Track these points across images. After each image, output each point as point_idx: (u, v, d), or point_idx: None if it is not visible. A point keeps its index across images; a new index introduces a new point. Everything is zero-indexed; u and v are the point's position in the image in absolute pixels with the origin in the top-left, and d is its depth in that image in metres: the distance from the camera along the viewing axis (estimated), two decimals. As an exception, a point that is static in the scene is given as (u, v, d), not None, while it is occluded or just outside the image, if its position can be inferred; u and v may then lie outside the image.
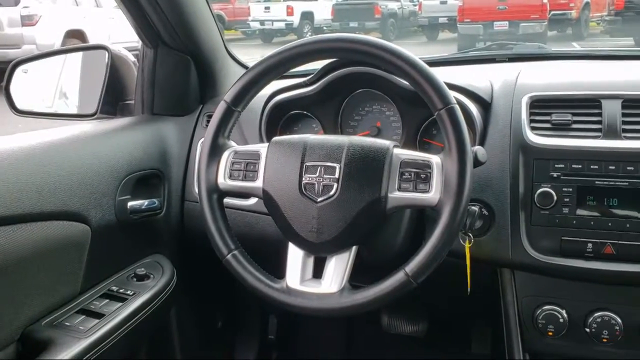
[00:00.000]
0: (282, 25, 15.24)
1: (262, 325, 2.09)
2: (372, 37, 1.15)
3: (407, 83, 1.13)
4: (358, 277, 1.15)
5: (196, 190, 1.47)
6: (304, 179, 1.12)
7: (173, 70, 1.64)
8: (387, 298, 1.08)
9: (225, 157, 1.19)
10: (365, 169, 1.10)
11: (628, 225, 1.20)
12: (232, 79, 1.69)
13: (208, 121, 1.46)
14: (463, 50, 1.93)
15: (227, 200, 1.29)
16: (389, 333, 1.97)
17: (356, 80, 1.45)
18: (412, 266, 1.06)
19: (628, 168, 1.20)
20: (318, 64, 1.43)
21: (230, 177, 1.18)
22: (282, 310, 1.15)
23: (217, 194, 1.19)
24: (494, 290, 1.40)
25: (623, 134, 1.23)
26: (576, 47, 11.29)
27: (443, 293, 1.41)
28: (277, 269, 1.18)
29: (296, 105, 1.53)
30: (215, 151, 1.19)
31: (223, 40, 1.73)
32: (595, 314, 1.28)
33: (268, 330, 2.09)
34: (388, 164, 1.10)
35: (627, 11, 10.52)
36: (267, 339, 2.09)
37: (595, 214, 1.22)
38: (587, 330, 1.28)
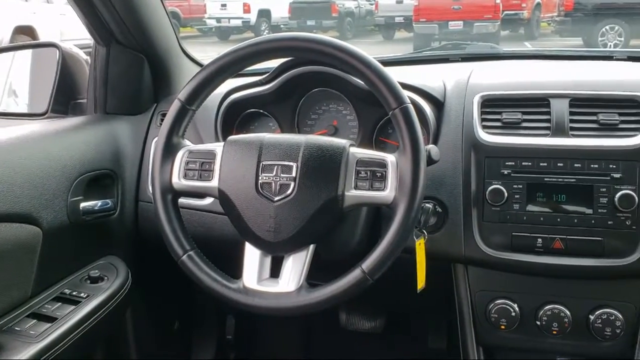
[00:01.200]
0: (238, 22, 15.10)
1: (219, 325, 2.07)
2: (327, 37, 1.15)
3: (363, 82, 1.14)
4: (316, 276, 1.16)
5: (150, 190, 1.45)
6: (260, 178, 1.12)
7: (126, 68, 1.62)
8: (344, 295, 1.09)
9: (180, 157, 1.18)
10: (322, 167, 1.11)
11: (576, 221, 1.24)
12: (186, 77, 1.67)
13: (162, 120, 1.44)
14: (417, 50, 1.97)
15: (182, 201, 1.27)
16: (347, 330, 1.99)
17: (312, 79, 1.46)
18: (368, 263, 1.08)
19: (575, 165, 1.24)
20: (275, 62, 1.43)
21: (185, 176, 1.17)
22: (240, 311, 1.15)
23: (172, 194, 1.18)
24: (449, 286, 1.43)
25: (570, 132, 1.27)
26: (528, 46, 11.58)
27: (400, 289, 1.43)
28: (234, 269, 1.18)
29: (252, 104, 1.53)
30: (169, 150, 1.18)
31: (177, 38, 1.71)
32: (546, 307, 1.32)
33: (226, 330, 2.08)
34: (344, 163, 1.11)
35: (576, 12, 10.83)
36: (225, 340, 2.08)
37: (545, 209, 1.26)
38: (538, 323, 1.32)
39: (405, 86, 1.38)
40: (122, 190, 1.55)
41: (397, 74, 1.26)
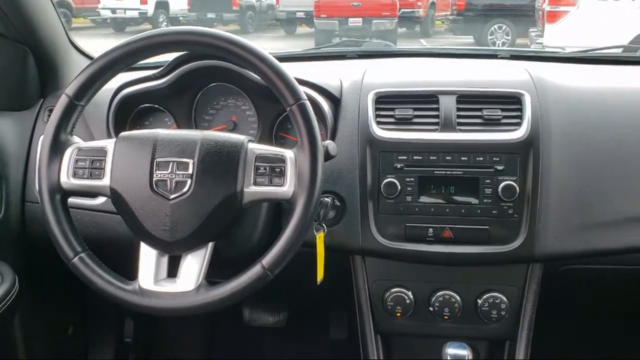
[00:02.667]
0: (135, 14, 14.53)
1: (117, 328, 2.00)
2: (223, 32, 1.14)
3: (260, 78, 1.14)
4: (217, 273, 1.15)
5: (37, 190, 1.38)
6: (155, 175, 1.09)
7: (8, 61, 1.52)
8: (244, 292, 1.09)
9: (68, 155, 1.13)
10: (220, 164, 1.10)
11: (463, 211, 1.31)
12: (75, 71, 1.59)
13: (49, 116, 1.36)
14: (315, 47, 1.99)
15: (73, 200, 1.22)
16: (250, 326, 1.99)
17: (209, 74, 1.43)
18: (268, 259, 1.08)
19: (462, 158, 1.31)
20: (170, 56, 1.40)
21: (75, 175, 1.12)
22: (139, 312, 1.12)
23: (60, 194, 1.13)
24: (348, 277, 1.46)
25: (458, 127, 1.33)
26: (424, 43, 12.05)
27: (302, 282, 1.45)
28: (130, 271, 1.15)
29: (146, 99, 1.48)
30: (57, 148, 1.13)
31: (65, 29, 1.62)
32: (438, 294, 1.38)
33: (124, 333, 2.01)
34: (243, 159, 1.10)
35: (468, 11, 11.40)
36: (124, 342, 2.01)
37: (435, 201, 1.32)
38: (431, 309, 1.39)
39: (303, 82, 1.39)
40: (7, 191, 1.46)
41: (295, 70, 1.27)
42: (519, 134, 1.30)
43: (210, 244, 1.13)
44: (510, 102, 1.35)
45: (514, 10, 10.64)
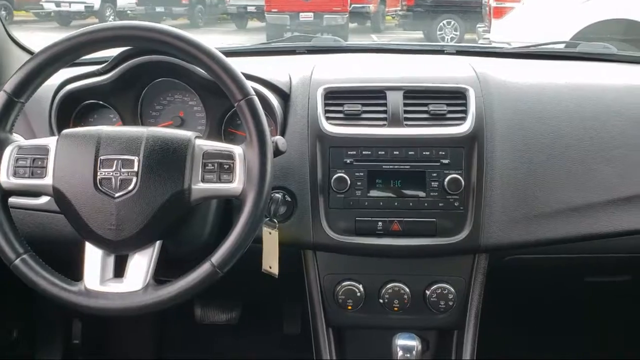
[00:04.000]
0: (81, 7, 14.10)
1: (65, 330, 1.95)
2: (168, 26, 1.13)
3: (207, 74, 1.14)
4: (166, 272, 1.14)
5: None
6: (99, 173, 1.07)
7: None
8: (193, 291, 1.08)
9: (8, 153, 1.09)
10: (166, 161, 1.09)
11: (411, 204, 1.33)
12: (14, 66, 1.54)
13: None
14: (264, 42, 1.98)
15: (14, 200, 1.18)
16: (203, 324, 1.97)
17: (155, 69, 1.41)
18: (217, 256, 1.08)
19: (410, 152, 1.33)
20: (114, 51, 1.36)
21: (15, 174, 1.09)
22: (86, 314, 1.10)
23: (0, 193, 1.09)
24: (300, 272, 1.47)
25: (405, 122, 1.35)
26: (375, 39, 12.14)
27: (254, 279, 1.45)
28: (75, 271, 1.12)
29: (90, 95, 1.44)
30: None
31: (3, 23, 1.57)
32: (387, 286, 1.40)
33: (72, 335, 1.96)
34: (190, 156, 1.10)
35: (417, 7, 11.56)
36: (72, 344, 1.96)
37: (384, 195, 1.34)
38: (381, 301, 1.41)
39: (251, 78, 1.39)
40: None
41: (244, 66, 1.26)
42: (463, 128, 1.33)
43: (158, 243, 1.12)
44: (455, 97, 1.38)
45: (462, 6, 10.85)
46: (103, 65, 1.42)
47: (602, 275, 1.57)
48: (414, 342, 1.32)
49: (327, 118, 1.36)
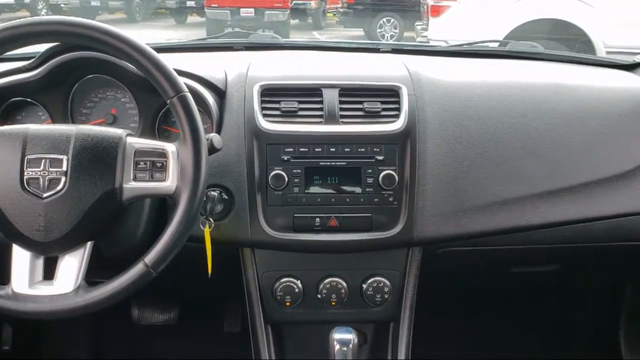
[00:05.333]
0: (10, 0, 13.52)
1: None
2: (97, 22, 1.10)
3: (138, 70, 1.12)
4: (100, 273, 1.12)
5: None
6: (26, 173, 1.04)
7: None
8: (126, 292, 1.07)
9: None
10: (96, 160, 1.07)
11: (348, 200, 1.35)
12: None
13: None
14: (201, 38, 1.96)
15: None
16: (141, 325, 1.94)
17: (85, 65, 1.37)
18: (151, 256, 1.07)
19: (346, 149, 1.35)
20: (42, 46, 1.32)
21: None
22: (16, 318, 1.07)
23: None
24: (238, 269, 1.47)
25: (341, 120, 1.37)
26: (317, 36, 12.17)
27: (191, 278, 1.44)
28: (3, 274, 1.08)
29: (17, 92, 1.39)
30: None
31: None
32: (325, 281, 1.42)
33: (2, 341, 1.89)
34: (121, 154, 1.08)
35: (357, 5, 11.67)
36: (2, 351, 1.89)
37: (321, 191, 1.35)
38: (319, 296, 1.43)
39: (186, 74, 1.37)
40: None
41: (179, 62, 1.25)
42: (397, 125, 1.36)
43: (89, 243, 1.10)
44: (389, 95, 1.40)
45: (401, 3, 11.01)
46: (30, 61, 1.37)
47: (531, 265, 1.64)
48: (350, 336, 1.34)
49: (264, 115, 1.36)
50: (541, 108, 1.48)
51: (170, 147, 1.10)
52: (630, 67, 1.85)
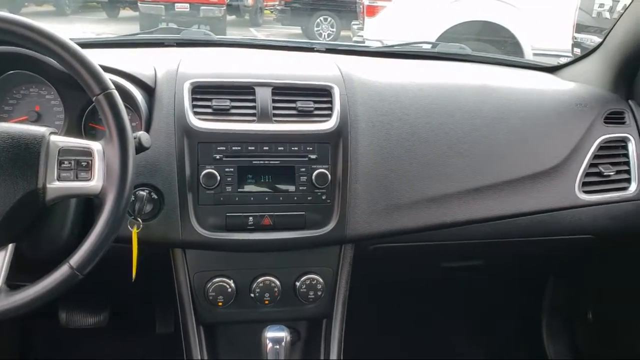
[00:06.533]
0: None
1: None
2: (18, 16, 1.06)
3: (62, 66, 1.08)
4: (24, 276, 1.08)
5: None
6: None
7: None
8: (50, 295, 1.04)
9: None
10: (17, 159, 1.03)
11: (281, 198, 1.36)
12: None
13: None
14: (131, 34, 1.91)
15: None
16: (69, 328, 1.88)
17: (7, 60, 1.32)
18: (76, 258, 1.04)
19: (279, 148, 1.35)
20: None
21: None
22: None
23: None
24: (170, 270, 1.44)
25: (274, 118, 1.37)
26: (254, 32, 12.09)
27: (121, 279, 1.40)
28: None
29: None
30: None
31: None
32: (258, 280, 1.42)
33: None
34: (44, 153, 1.04)
35: (294, 3, 11.67)
36: None
37: (255, 190, 1.35)
38: (252, 295, 1.42)
39: (113, 71, 1.34)
40: None
41: (106, 58, 1.22)
42: (329, 124, 1.37)
43: (11, 246, 1.06)
44: (322, 94, 1.41)
45: (338, 3, 11.09)
46: None
47: (458, 260, 1.70)
48: (283, 334, 1.34)
49: (195, 113, 1.34)
50: (467, 108, 1.53)
51: (96, 146, 1.07)
52: (552, 70, 1.95)
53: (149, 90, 1.39)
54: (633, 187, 1.62)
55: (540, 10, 6.89)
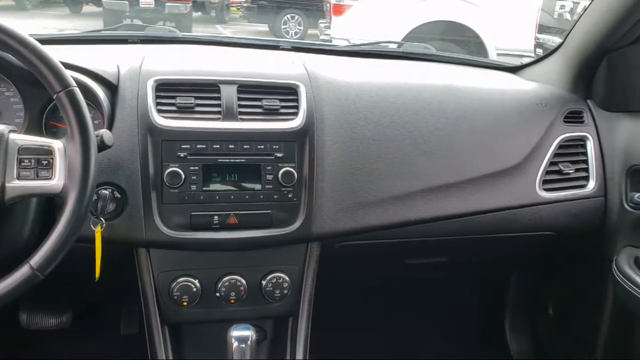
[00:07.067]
0: None
1: None
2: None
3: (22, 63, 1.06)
4: None
5: None
6: None
7: None
8: (9, 296, 1.02)
9: None
10: None
11: (247, 197, 1.35)
12: None
13: None
14: (94, 30, 1.88)
15: None
16: (30, 330, 1.84)
17: None
18: (37, 258, 1.02)
19: (245, 146, 1.35)
20: None
21: None
22: None
23: None
24: (134, 270, 1.43)
25: (239, 116, 1.36)
26: (220, 30, 12.00)
27: (84, 279, 1.38)
28: None
29: None
30: None
31: None
32: (224, 279, 1.41)
33: None
34: (3, 151, 1.03)
35: (261, 0, 11.62)
36: None
37: (220, 188, 1.34)
38: (218, 294, 1.42)
39: (74, 68, 1.32)
40: None
41: (68, 54, 1.19)
42: (295, 123, 1.37)
43: None
44: (288, 93, 1.42)
45: (305, 1, 11.08)
46: None
47: (422, 257, 1.72)
48: (248, 332, 1.34)
49: (159, 111, 1.33)
50: (431, 108, 1.55)
51: (57, 144, 1.05)
52: (514, 70, 1.99)
53: (111, 88, 1.37)
54: (591, 184, 1.66)
55: (504, 11, 7.02)
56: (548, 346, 2.09)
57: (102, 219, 1.26)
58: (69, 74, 1.07)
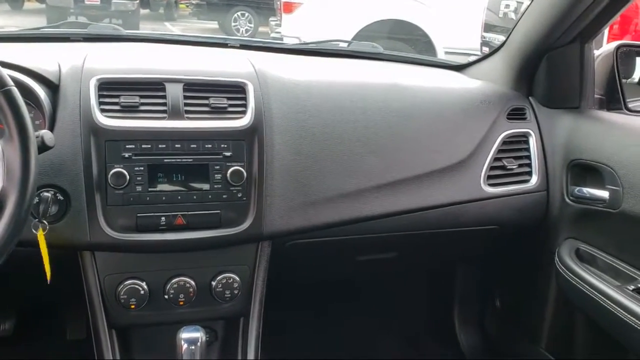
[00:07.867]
0: None
1: None
2: None
3: None
4: None
5: None
6: None
7: None
8: None
9: None
10: None
11: (195, 197, 1.33)
12: None
13: None
14: (34, 27, 1.81)
15: None
16: None
17: None
18: None
19: (192, 146, 1.33)
20: None
21: None
22: None
23: None
24: (79, 273, 1.39)
25: (186, 115, 1.34)
26: (169, 27, 11.81)
27: (27, 285, 1.33)
28: None
29: None
30: None
31: None
32: (172, 281, 1.39)
33: None
34: None
35: (211, -3, 11.50)
36: None
37: (167, 189, 1.32)
38: (166, 297, 1.39)
39: (12, 66, 1.28)
40: None
41: (6, 53, 1.15)
42: (244, 121, 1.36)
43: None
44: (235, 91, 1.40)
45: (255, -1, 11.04)
46: None
47: (373, 253, 1.74)
48: (198, 334, 1.32)
49: (102, 110, 1.30)
50: (378, 106, 1.56)
51: None
52: (460, 68, 2.03)
53: (52, 87, 1.33)
54: (534, 179, 1.71)
55: (451, 10, 7.15)
56: (495, 337, 2.15)
57: (44, 221, 1.23)
58: (6, 73, 1.03)
